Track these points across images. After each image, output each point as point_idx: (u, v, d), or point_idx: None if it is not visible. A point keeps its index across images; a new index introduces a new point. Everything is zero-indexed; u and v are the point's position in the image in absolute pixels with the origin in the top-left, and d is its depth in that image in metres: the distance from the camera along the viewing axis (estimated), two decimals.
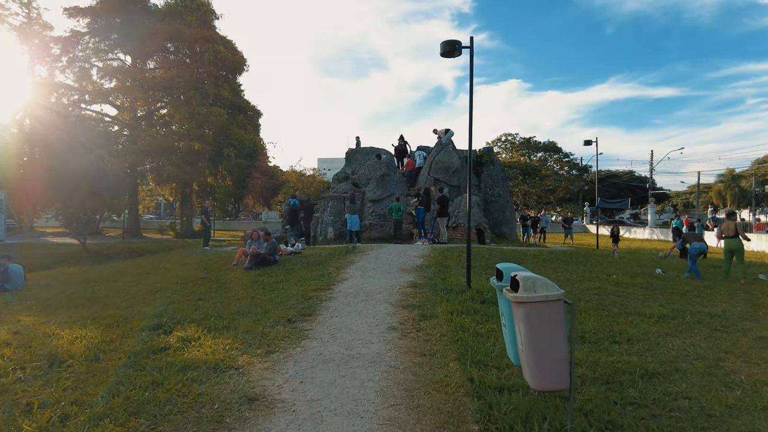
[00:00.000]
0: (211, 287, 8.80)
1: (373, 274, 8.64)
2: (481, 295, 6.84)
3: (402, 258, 10.17)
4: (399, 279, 8.24)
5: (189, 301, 7.68)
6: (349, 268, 9.25)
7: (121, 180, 19.50)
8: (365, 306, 6.44)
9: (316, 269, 9.42)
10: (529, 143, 43.23)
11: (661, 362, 4.41)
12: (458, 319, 5.58)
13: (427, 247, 12.20)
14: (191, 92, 29.20)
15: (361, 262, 9.82)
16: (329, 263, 9.91)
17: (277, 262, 10.68)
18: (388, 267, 9.27)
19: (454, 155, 16.91)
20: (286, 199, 19.83)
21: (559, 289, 2.83)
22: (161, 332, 5.56)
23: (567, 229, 19.45)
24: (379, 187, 16.31)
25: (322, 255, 10.96)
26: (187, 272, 10.78)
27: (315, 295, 7.10)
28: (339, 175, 18.90)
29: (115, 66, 29.85)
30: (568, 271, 9.94)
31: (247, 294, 7.90)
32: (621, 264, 11.65)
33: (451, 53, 7.35)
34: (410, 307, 6.30)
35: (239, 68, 32.81)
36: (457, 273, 8.58)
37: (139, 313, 6.64)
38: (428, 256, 10.48)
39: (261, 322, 5.79)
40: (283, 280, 8.79)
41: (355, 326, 5.48)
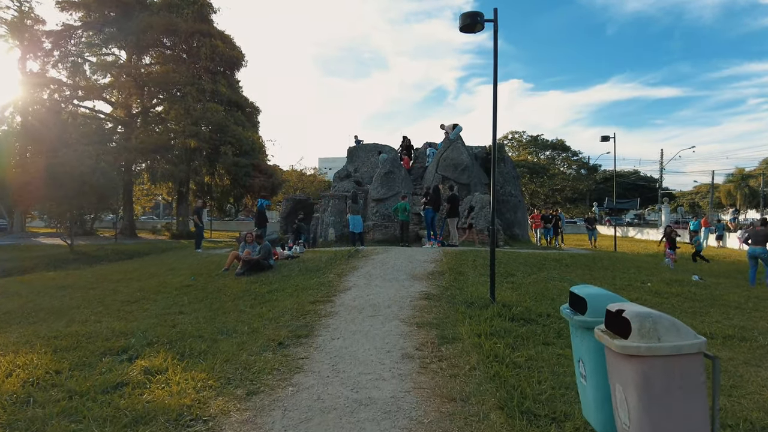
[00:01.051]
0: (196, 297, 7.78)
1: (379, 283, 7.61)
2: (508, 310, 5.81)
3: (411, 263, 9.13)
4: (409, 289, 7.21)
5: (168, 314, 6.66)
6: (351, 275, 8.21)
7: (112, 178, 18.43)
8: (372, 324, 5.41)
9: (315, 276, 8.39)
10: (537, 141, 42.06)
11: (765, 409, 3.37)
12: (488, 343, 4.54)
13: (437, 250, 11.16)
14: (187, 88, 28.22)
15: (365, 268, 8.79)
16: (330, 269, 8.88)
17: (272, 267, 9.65)
18: (395, 274, 8.24)
19: (463, 151, 15.86)
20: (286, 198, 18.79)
21: (697, 336, 1.79)
22: (125, 359, 4.55)
23: (591, 231, 17.98)
24: (384, 186, 15.27)
25: (322, 259, 9.93)
26: (173, 278, 9.77)
27: (313, 309, 6.07)
28: (340, 172, 17.85)
29: (108, 61, 28.85)
30: (596, 279, 8.90)
31: (235, 306, 6.87)
32: (650, 269, 10.60)
33: (471, 27, 6.32)
34: (426, 326, 5.26)
35: (237, 63, 31.80)
36: (475, 282, 7.54)
37: (107, 331, 5.62)
38: (440, 260, 9.44)
39: (246, 345, 4.77)
40: (277, 289, 7.76)
41: (362, 353, 4.45)
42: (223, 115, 27.81)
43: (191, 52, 29.86)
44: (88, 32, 28.90)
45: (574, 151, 43.31)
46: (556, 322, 5.61)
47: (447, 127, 16.88)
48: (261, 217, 14.48)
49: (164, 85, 28.47)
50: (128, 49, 29.16)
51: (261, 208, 14.63)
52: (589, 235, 17.58)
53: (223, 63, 30.63)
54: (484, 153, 17.06)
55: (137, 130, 27.17)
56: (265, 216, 14.49)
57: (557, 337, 5.13)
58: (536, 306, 6.18)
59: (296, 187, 38.01)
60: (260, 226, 14.30)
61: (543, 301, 6.61)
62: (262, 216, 14.48)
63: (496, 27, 6.31)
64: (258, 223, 14.53)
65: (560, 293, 7.33)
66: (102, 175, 17.85)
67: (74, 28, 28.73)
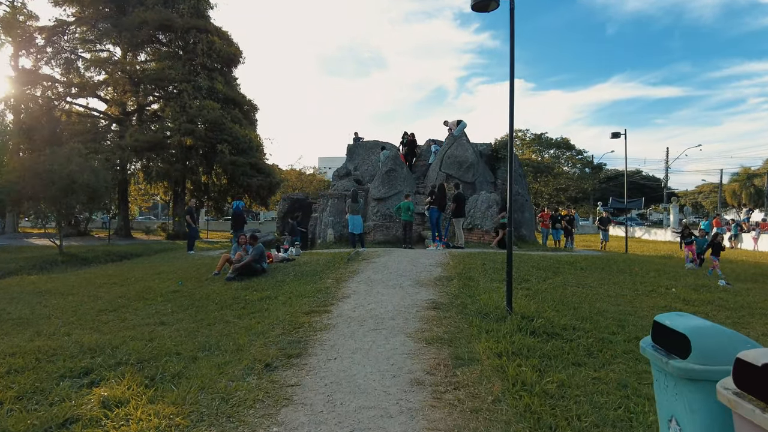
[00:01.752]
0: (181, 305, 7.10)
1: (381, 289, 6.93)
2: (528, 322, 5.13)
3: (415, 267, 8.46)
4: (415, 296, 6.53)
5: (147, 326, 5.99)
6: (351, 281, 7.54)
7: (103, 177, 17.73)
8: (375, 339, 4.73)
9: (311, 281, 7.71)
10: (540, 140, 41.29)
11: None
12: (512, 366, 3.86)
13: (442, 252, 10.49)
14: (183, 85, 27.54)
15: (366, 273, 8.11)
16: (327, 274, 8.20)
17: (265, 271, 8.97)
18: (399, 279, 7.56)
19: (469, 148, 15.17)
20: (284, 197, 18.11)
21: None
22: (85, 384, 3.88)
23: (604, 232, 16.88)
24: (385, 184, 14.59)
25: (320, 262, 9.25)
26: (159, 283, 9.08)
27: (307, 322, 5.39)
28: (340, 171, 17.17)
29: (102, 57, 28.14)
30: (615, 283, 8.23)
31: (222, 317, 6.19)
32: (670, 273, 9.92)
33: (485, 6, 5.63)
34: (437, 343, 4.58)
35: (235, 60, 31.12)
36: (487, 288, 6.85)
37: (74, 346, 4.95)
38: (446, 264, 8.76)
39: (229, 367, 4.09)
40: (269, 296, 7.08)
41: (363, 378, 3.77)
42: (220, 112, 27.12)
43: (187, 48, 29.18)
44: (82, 28, 28.22)
45: (578, 150, 42.56)
46: (582, 336, 4.95)
47: (451, 123, 16.20)
48: (237, 220, 13.89)
49: (159, 82, 27.77)
50: (123, 45, 28.45)
51: (236, 210, 14.05)
52: (602, 236, 16.72)
53: (220, 60, 29.94)
54: (489, 150, 16.37)
55: (131, 128, 26.45)
56: (242, 218, 13.93)
57: (587, 355, 4.46)
58: (558, 317, 5.51)
59: (295, 187, 37.32)
60: (237, 229, 13.68)
61: (564, 311, 5.93)
62: (238, 218, 13.88)
63: (512, 4, 5.63)
64: (234, 226, 13.92)
65: (581, 301, 6.66)
66: (92, 174, 17.15)
67: (67, 23, 28.04)
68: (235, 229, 13.95)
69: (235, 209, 14.25)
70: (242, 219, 13.99)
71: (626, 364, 4.29)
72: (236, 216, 14.01)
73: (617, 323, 5.57)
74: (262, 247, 9.30)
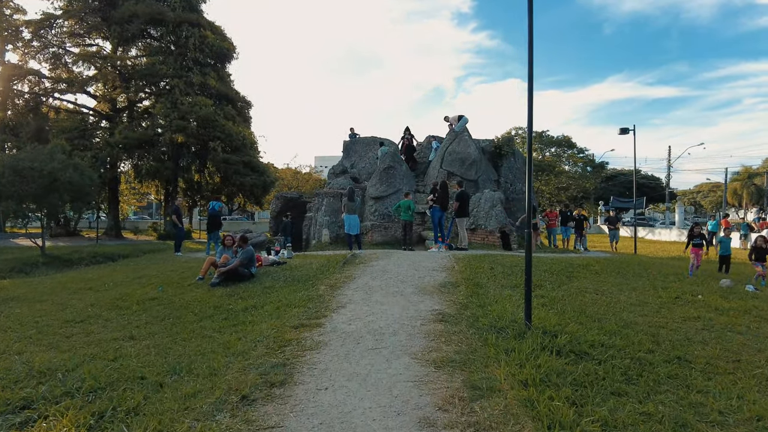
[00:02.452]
0: (157, 315, 6.36)
1: (380, 298, 6.21)
2: (551, 339, 4.43)
3: (417, 271, 7.74)
4: (418, 306, 5.82)
5: (114, 341, 5.26)
6: (347, 287, 6.81)
7: (88, 174, 16.94)
8: (374, 362, 4.01)
9: (302, 288, 6.98)
10: (542, 137, 40.60)
11: None
12: (542, 399, 3.16)
13: (445, 254, 9.78)
14: (174, 81, 26.73)
15: (363, 278, 7.39)
16: (321, 279, 7.48)
17: (253, 276, 8.24)
18: (400, 285, 6.84)
19: (471, 145, 14.46)
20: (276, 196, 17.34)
21: None
22: (16, 423, 3.16)
23: (613, 232, 15.85)
24: (383, 182, 13.86)
25: (313, 266, 8.53)
26: (138, 289, 8.34)
27: (296, 338, 4.67)
28: (336, 168, 16.42)
29: (91, 51, 27.25)
30: (635, 289, 7.54)
31: (201, 330, 5.47)
32: (691, 277, 9.25)
33: None
34: (448, 366, 3.87)
35: (228, 56, 30.30)
36: (499, 296, 6.15)
37: (22, 369, 4.24)
38: (451, 268, 8.06)
39: (197, 399, 3.37)
40: (255, 305, 6.36)
41: (360, 417, 3.05)
42: (213, 109, 26.32)
43: (179, 43, 28.33)
44: (70, 21, 27.32)
45: (580, 148, 41.88)
46: (615, 355, 4.26)
47: (451, 118, 15.49)
48: (213, 222, 13.25)
49: (150, 77, 26.93)
50: (112, 39, 27.61)
51: (212, 211, 13.37)
52: (611, 237, 15.81)
53: (212, 55, 29.13)
54: (492, 147, 15.66)
55: (121, 125, 25.61)
56: (218, 220, 13.31)
57: (626, 381, 3.77)
58: (583, 331, 4.81)
59: (291, 186, 36.54)
60: (212, 231, 13.12)
61: (588, 323, 5.23)
62: (214, 220, 13.25)
63: None
64: (209, 228, 13.37)
65: (605, 311, 5.97)
66: (76, 171, 16.36)
67: (55, 17, 27.16)
68: (210, 230, 13.34)
69: (211, 210, 13.55)
70: (218, 220, 13.35)
71: (675, 393, 3.60)
72: (212, 217, 13.34)
73: (650, 338, 4.88)
74: (251, 251, 8.57)
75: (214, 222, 13.32)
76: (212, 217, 13.43)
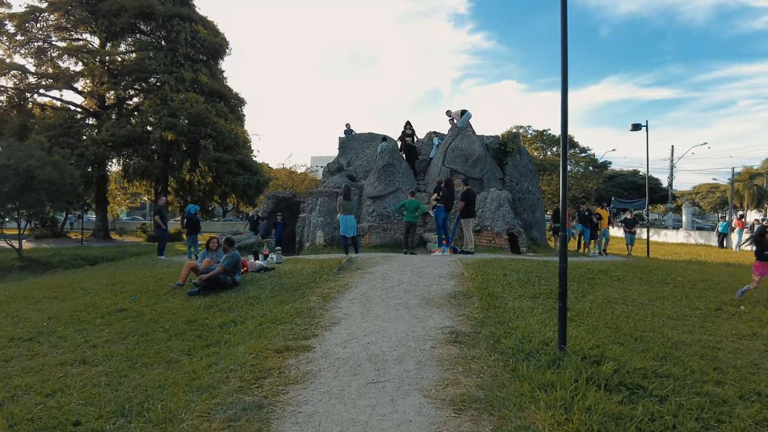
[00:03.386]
0: (122, 331, 5.46)
1: (381, 312, 5.34)
2: (594, 367, 3.56)
3: (422, 279, 6.87)
4: (427, 322, 4.94)
5: (61, 366, 4.37)
6: (342, 299, 5.93)
7: (69, 172, 15.99)
8: (375, 402, 3.14)
9: (290, 299, 6.09)
10: (543, 136, 39.81)
11: None
12: None
13: (451, 259, 8.91)
14: (165, 77, 25.80)
15: (360, 287, 6.51)
16: (313, 288, 6.59)
17: (236, 284, 7.34)
18: (403, 296, 5.97)
19: (476, 140, 13.59)
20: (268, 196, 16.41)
21: None
22: None
23: (630, 234, 14.37)
24: (381, 181, 12.98)
25: (304, 273, 7.64)
26: (107, 298, 7.42)
27: (278, 367, 3.78)
28: (331, 166, 15.52)
29: (77, 45, 26.25)
30: (666, 299, 6.69)
31: (167, 351, 4.57)
32: (720, 283, 8.41)
33: None
34: (471, 409, 3.00)
35: (221, 51, 29.43)
36: (519, 310, 5.28)
37: None
38: (459, 275, 7.19)
39: None
40: (235, 320, 5.46)
41: None
42: (204, 106, 25.40)
43: (170, 38, 27.42)
44: (56, 14, 26.33)
45: (582, 148, 41.04)
46: (678, 389, 3.41)
47: (454, 113, 14.64)
48: (191, 225, 12.73)
49: (139, 73, 25.97)
50: (100, 34, 26.63)
51: (189, 214, 12.85)
52: (628, 239, 14.42)
53: (204, 50, 28.25)
54: (496, 143, 14.81)
55: (108, 122, 24.63)
56: (196, 224, 12.79)
57: (703, 428, 2.90)
58: (628, 355, 3.94)
59: (285, 186, 35.59)
60: (190, 234, 12.63)
61: (629, 343, 4.38)
62: (192, 223, 12.72)
63: None
64: (188, 231, 12.92)
65: (643, 327, 5.12)
66: (55, 169, 15.40)
67: (40, 10, 26.16)
68: (188, 234, 12.83)
69: (188, 214, 13.03)
70: (196, 223, 12.82)
71: None
72: (189, 220, 12.81)
73: (710, 364, 4.02)
74: (237, 256, 7.67)
75: (192, 225, 12.87)
76: (190, 219, 13.00)
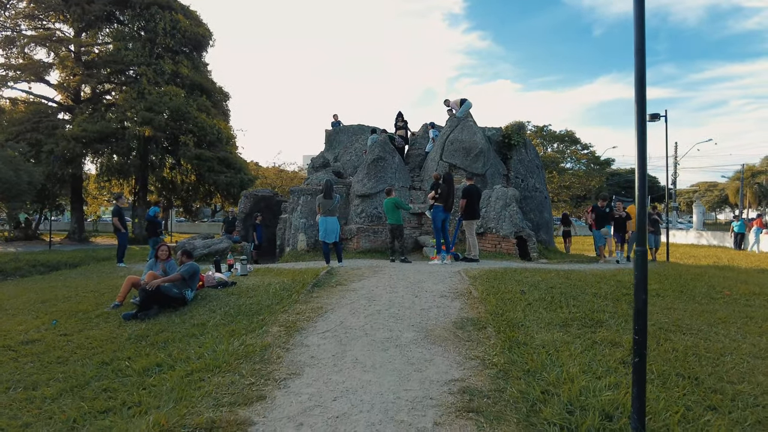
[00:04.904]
0: (7, 380, 3.95)
1: (362, 353, 3.87)
2: None
3: (418, 299, 5.41)
4: (426, 374, 3.48)
5: None
6: (311, 330, 4.45)
7: (25, 170, 14.38)
8: None
9: (244, 329, 4.59)
10: (543, 132, 38.34)
11: None
12: None
13: (453, 269, 7.46)
14: (142, 68, 24.15)
15: (338, 311, 5.04)
16: (276, 312, 5.10)
17: (186, 302, 5.85)
18: (394, 326, 4.50)
19: (477, 132, 12.13)
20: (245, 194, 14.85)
21: None
22: None
23: (654, 235, 11.92)
24: (371, 177, 11.51)
25: (270, 290, 6.15)
26: (24, 321, 5.90)
27: None
28: (315, 161, 13.99)
29: (45, 33, 24.53)
30: (725, 321, 5.26)
31: (49, 415, 3.07)
32: None
33: None
34: None
35: (203, 42, 27.78)
36: (550, 346, 3.81)
37: None
38: (467, 293, 5.73)
39: None
40: (162, 362, 3.96)
41: None
42: (184, 99, 23.78)
43: (148, 27, 25.76)
44: (26, 1, 24.59)
45: (584, 144, 39.60)
46: None
47: (453, 103, 13.19)
48: (152, 228, 11.92)
49: (115, 64, 24.30)
50: (73, 22, 24.91)
51: (150, 217, 12.05)
52: (651, 241, 11.80)
53: (186, 41, 26.60)
54: (499, 136, 13.37)
55: (79, 117, 22.95)
56: (155, 227, 11.98)
57: None
58: None
59: (275, 185, 34.01)
60: (149, 238, 11.83)
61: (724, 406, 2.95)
62: (153, 227, 11.93)
63: None
64: (148, 234, 12.21)
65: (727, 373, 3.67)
66: (7, 166, 13.80)
67: None
68: (149, 237, 11.95)
69: (149, 216, 12.24)
70: (155, 227, 11.97)
71: None
72: (151, 224, 11.98)
73: None
74: (194, 268, 6.18)
75: (152, 228, 11.88)
76: (152, 223, 12.02)
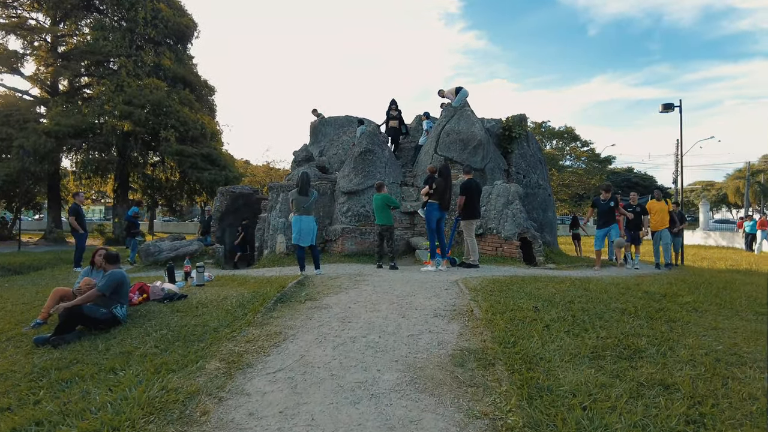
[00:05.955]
0: None
1: (322, 407, 2.73)
2: None
3: (406, 320, 4.29)
4: None
5: None
6: (259, 369, 3.31)
7: None
8: None
9: (175, 364, 3.45)
10: (541, 129, 37.31)
11: None
12: None
13: (450, 279, 6.34)
14: (122, 60, 22.91)
15: (301, 339, 3.90)
16: (221, 341, 3.95)
17: (118, 322, 4.70)
18: (372, 363, 3.37)
19: (476, 122, 11.04)
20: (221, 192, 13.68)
21: None
22: None
23: (676, 237, 10.32)
24: (359, 172, 10.38)
25: (225, 305, 5.01)
26: None
27: None
28: (299, 154, 12.82)
29: (18, 21, 23.21)
30: None
31: None
32: None
33: None
34: None
35: (187, 34, 26.58)
36: (584, 395, 2.69)
37: None
38: (467, 312, 4.61)
39: None
40: (51, 414, 2.80)
41: None
42: (165, 92, 22.55)
43: (129, 17, 24.52)
44: None
45: (584, 141, 38.58)
46: None
47: (448, 92, 12.07)
48: (128, 228, 11.74)
49: (92, 56, 23.03)
50: (48, 10, 23.64)
51: (128, 217, 11.82)
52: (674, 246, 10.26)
53: (168, 32, 25.36)
54: (499, 128, 12.28)
55: (53, 110, 21.66)
56: (133, 227, 11.67)
57: None
58: None
59: (263, 183, 32.81)
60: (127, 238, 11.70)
61: None
62: (132, 227, 11.67)
63: None
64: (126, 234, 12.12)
65: None
66: None
67: None
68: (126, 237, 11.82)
69: (127, 216, 11.99)
70: (134, 227, 11.67)
71: None
72: (130, 224, 11.65)
73: None
74: (120, 276, 5.02)
75: (129, 228, 11.61)
76: (131, 223, 11.70)
